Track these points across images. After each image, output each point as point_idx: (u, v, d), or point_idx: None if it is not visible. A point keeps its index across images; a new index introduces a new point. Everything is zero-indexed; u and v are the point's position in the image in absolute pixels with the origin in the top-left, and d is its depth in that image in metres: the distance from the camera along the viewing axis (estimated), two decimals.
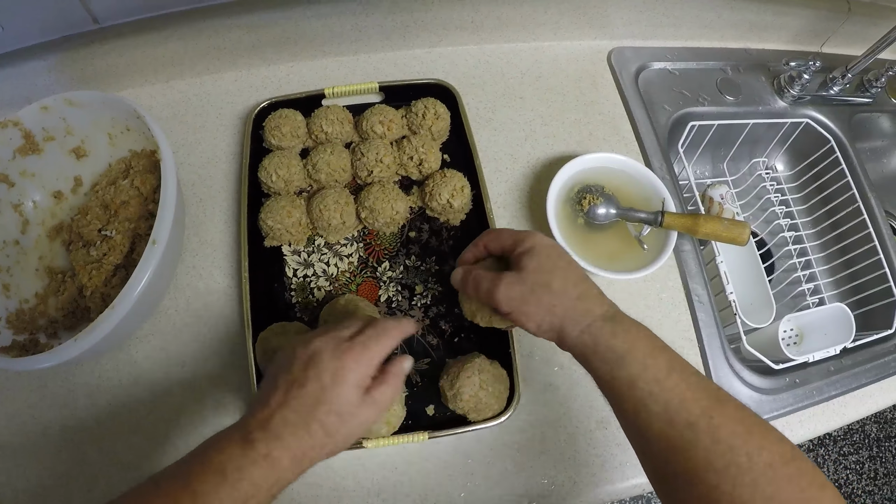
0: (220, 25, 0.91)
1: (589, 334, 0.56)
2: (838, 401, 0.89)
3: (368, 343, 0.55)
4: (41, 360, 0.65)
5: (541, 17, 1.02)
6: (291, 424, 0.51)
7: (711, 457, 0.48)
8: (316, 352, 0.54)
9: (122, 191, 0.82)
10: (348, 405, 0.52)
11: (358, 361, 0.54)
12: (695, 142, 1.04)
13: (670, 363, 0.53)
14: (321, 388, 0.52)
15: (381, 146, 0.85)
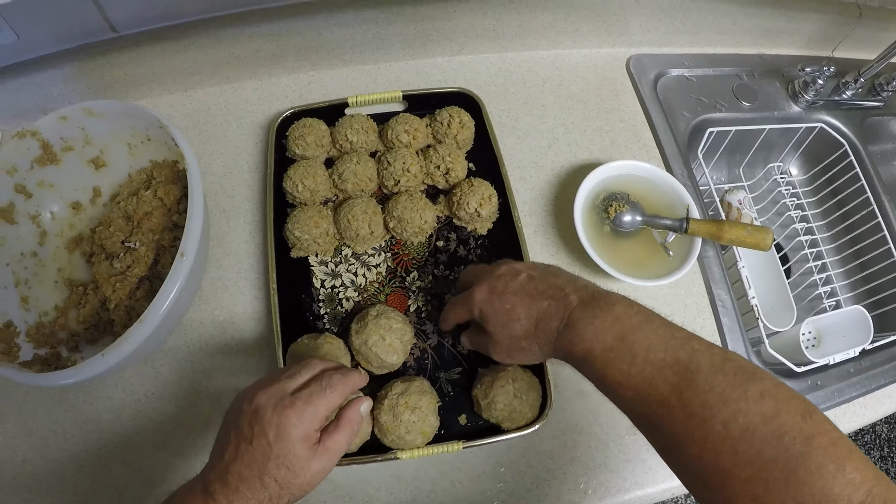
0: (241, 34, 0.91)
1: (555, 351, 0.62)
2: (858, 402, 0.90)
3: (311, 398, 0.56)
4: (67, 375, 0.64)
5: (561, 24, 1.03)
6: (246, 479, 0.53)
7: (689, 430, 0.50)
8: (258, 407, 0.55)
9: (144, 202, 0.82)
10: (296, 459, 0.54)
11: (300, 417, 0.55)
12: (712, 148, 1.05)
13: (632, 349, 0.54)
14: (267, 443, 0.53)
15: (407, 155, 0.86)
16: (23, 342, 0.73)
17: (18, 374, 0.66)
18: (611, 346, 0.55)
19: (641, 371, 0.53)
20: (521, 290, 0.64)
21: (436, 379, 0.78)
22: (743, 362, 0.52)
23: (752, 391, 0.48)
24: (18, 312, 0.75)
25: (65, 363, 0.75)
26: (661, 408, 0.52)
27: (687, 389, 0.50)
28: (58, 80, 0.90)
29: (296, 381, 0.58)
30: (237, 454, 0.53)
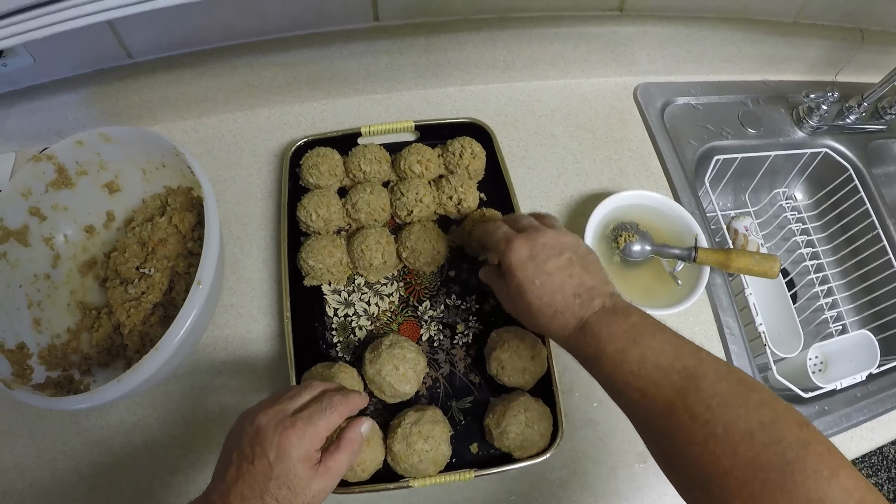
0: (255, 63, 0.93)
1: (567, 345, 0.64)
2: (866, 426, 0.91)
3: (312, 419, 0.57)
4: (82, 400, 0.65)
5: (570, 55, 1.04)
6: (248, 499, 0.54)
7: (691, 433, 0.52)
8: (259, 428, 0.56)
9: (159, 228, 0.83)
10: (297, 479, 0.55)
11: (301, 438, 0.56)
12: (719, 174, 1.07)
13: (643, 353, 0.57)
14: (268, 464, 0.54)
15: (420, 186, 0.87)
16: (35, 364, 0.74)
17: (32, 397, 0.67)
18: (622, 349, 0.58)
19: (650, 374, 0.56)
20: (557, 272, 0.64)
21: (448, 408, 0.79)
22: (745, 375, 0.54)
23: (752, 399, 0.51)
24: (31, 334, 0.76)
25: (77, 386, 0.76)
26: (666, 410, 0.54)
27: (692, 394, 0.53)
28: (73, 103, 0.91)
29: (296, 401, 0.60)
30: (239, 474, 0.54)
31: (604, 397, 0.81)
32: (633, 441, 0.82)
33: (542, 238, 0.66)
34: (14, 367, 0.71)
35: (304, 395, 0.61)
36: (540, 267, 0.64)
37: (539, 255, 0.65)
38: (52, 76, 0.90)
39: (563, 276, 0.64)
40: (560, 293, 0.63)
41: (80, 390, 0.76)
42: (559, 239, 0.67)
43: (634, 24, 1.03)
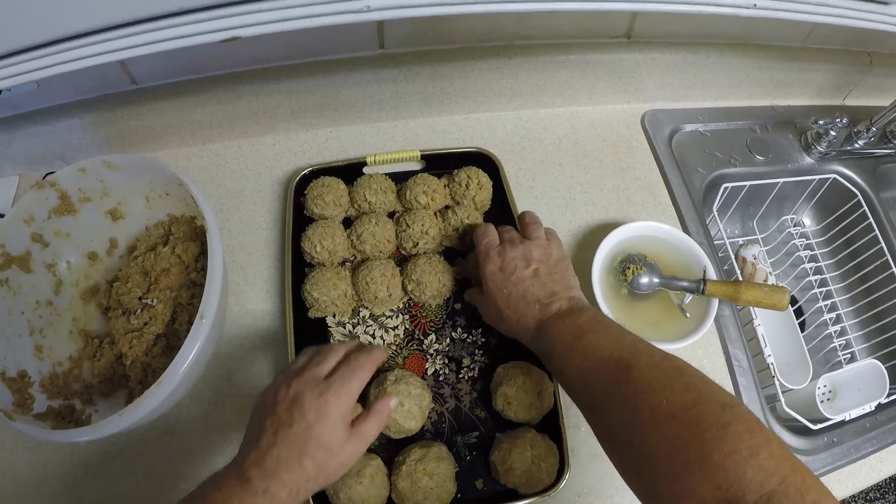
0: (260, 90, 0.92)
1: (531, 346, 0.73)
2: (875, 456, 0.90)
3: (345, 380, 0.61)
4: (83, 433, 0.65)
5: (577, 82, 1.04)
6: (284, 461, 0.56)
7: (622, 417, 0.57)
8: (298, 393, 0.59)
9: (162, 258, 0.83)
10: (335, 439, 0.59)
11: (338, 399, 0.59)
12: (727, 202, 1.06)
13: (586, 347, 0.63)
14: (307, 426, 0.57)
15: (426, 217, 0.86)
16: (36, 392, 0.73)
17: (33, 428, 0.66)
18: (569, 345, 0.65)
19: (590, 366, 0.62)
20: (522, 283, 0.72)
21: (453, 443, 0.78)
22: (680, 363, 0.59)
23: (678, 384, 0.55)
24: (33, 362, 0.76)
25: (78, 416, 0.75)
26: (602, 397, 0.60)
27: (624, 381, 0.58)
28: (77, 129, 0.91)
29: (325, 366, 0.63)
30: (275, 440, 0.57)
31: None
32: None
33: (513, 252, 0.75)
34: (15, 397, 0.70)
35: (330, 360, 0.64)
36: (507, 278, 0.73)
37: (508, 268, 0.74)
38: (55, 101, 0.89)
39: (528, 285, 0.72)
40: (523, 301, 0.72)
41: (81, 420, 0.75)
42: (530, 251, 0.75)
43: (642, 51, 1.02)
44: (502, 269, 0.74)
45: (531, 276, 0.73)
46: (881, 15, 0.72)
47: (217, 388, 0.82)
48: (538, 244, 0.77)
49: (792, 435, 0.88)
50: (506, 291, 0.73)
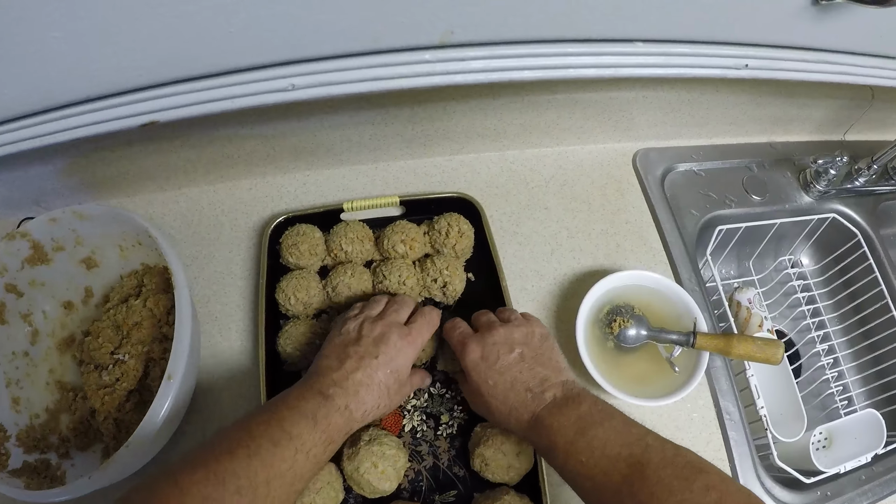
0: (234, 135, 0.90)
1: (526, 439, 0.70)
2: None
3: (422, 330, 0.72)
4: (52, 495, 0.65)
5: (565, 122, 1.01)
6: (364, 385, 0.65)
7: None
8: (384, 333, 0.69)
9: (134, 311, 0.81)
10: (404, 374, 0.70)
11: (414, 345, 0.70)
12: (721, 244, 1.03)
13: (590, 443, 0.60)
14: (389, 359, 0.67)
15: (403, 267, 0.84)
16: (13, 447, 0.73)
17: (6, 487, 0.67)
18: (571, 440, 0.61)
19: (598, 463, 0.59)
20: (508, 370, 0.69)
21: (430, 502, 0.76)
22: (693, 457, 0.57)
23: (697, 484, 0.53)
24: (9, 414, 0.75)
25: (54, 472, 0.74)
26: (614, 497, 0.57)
27: (637, 481, 0.56)
28: (50, 175, 0.89)
29: (403, 314, 0.74)
30: (360, 366, 0.66)
31: None
32: None
33: (492, 337, 0.72)
34: None
35: (406, 309, 0.75)
36: (492, 367, 0.70)
37: (490, 356, 0.70)
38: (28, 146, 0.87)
39: (515, 372, 0.69)
40: (512, 391, 0.68)
41: (56, 476, 0.74)
42: (511, 335, 0.72)
43: (633, 88, 0.98)
44: (484, 358, 0.70)
45: (517, 362, 0.70)
46: (888, 70, 0.69)
47: (193, 442, 0.80)
48: (517, 324, 0.74)
49: (784, 489, 0.85)
50: (491, 382, 0.69)
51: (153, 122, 0.53)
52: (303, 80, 0.51)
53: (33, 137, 0.54)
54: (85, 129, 0.54)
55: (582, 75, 0.57)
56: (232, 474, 0.54)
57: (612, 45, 0.57)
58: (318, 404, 0.62)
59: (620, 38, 0.58)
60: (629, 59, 0.58)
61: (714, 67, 0.62)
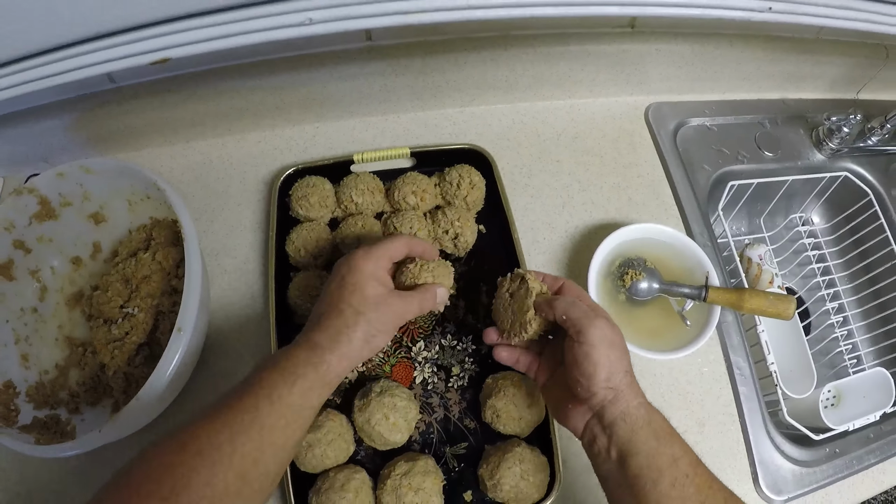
0: (242, 86, 0.89)
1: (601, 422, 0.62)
2: (877, 468, 0.87)
3: (373, 244, 0.65)
4: (64, 448, 0.65)
5: (577, 74, 1.00)
6: (328, 315, 0.61)
7: None
8: (337, 267, 0.64)
9: (143, 265, 0.81)
10: (370, 287, 0.62)
11: (367, 254, 0.63)
12: (733, 200, 1.02)
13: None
14: (341, 278, 0.62)
15: (414, 219, 0.84)
16: (22, 403, 0.73)
17: (17, 442, 0.66)
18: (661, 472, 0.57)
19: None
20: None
21: (441, 454, 0.77)
22: None
23: None
24: (19, 371, 0.75)
25: (64, 427, 0.75)
26: None
27: None
28: (57, 130, 0.89)
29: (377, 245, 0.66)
30: (327, 305, 0.61)
31: None
32: None
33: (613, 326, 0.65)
34: (0, 409, 0.70)
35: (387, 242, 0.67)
36: (622, 359, 0.63)
37: (617, 341, 0.64)
38: (35, 102, 0.86)
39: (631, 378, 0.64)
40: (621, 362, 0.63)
41: (66, 431, 0.74)
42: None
43: (646, 41, 0.97)
44: (612, 343, 0.63)
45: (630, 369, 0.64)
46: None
47: (203, 397, 0.80)
48: None
49: (793, 446, 0.85)
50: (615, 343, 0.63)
51: (166, 59, 0.52)
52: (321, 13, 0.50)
53: (47, 76, 0.53)
54: (98, 67, 0.53)
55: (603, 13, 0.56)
56: (192, 437, 0.52)
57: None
58: (298, 360, 0.58)
59: None
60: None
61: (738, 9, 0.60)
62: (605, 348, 0.61)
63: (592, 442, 0.62)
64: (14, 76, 0.54)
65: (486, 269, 0.88)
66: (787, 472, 0.83)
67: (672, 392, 0.85)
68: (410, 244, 0.68)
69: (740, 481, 0.81)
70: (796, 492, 0.82)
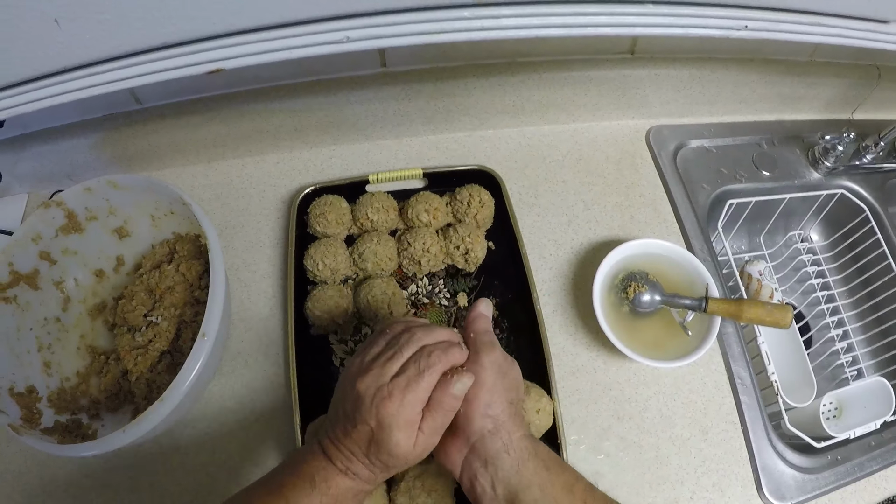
0: (263, 109, 0.94)
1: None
2: (879, 475, 0.90)
3: (410, 386, 0.55)
4: (87, 448, 0.67)
5: (581, 98, 1.05)
6: (356, 454, 0.55)
7: None
8: (359, 395, 0.55)
9: (167, 276, 0.85)
10: (398, 447, 0.54)
11: (400, 407, 0.54)
12: (732, 218, 1.07)
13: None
14: (370, 430, 0.54)
15: (427, 236, 0.88)
16: (44, 407, 0.76)
17: (39, 442, 0.68)
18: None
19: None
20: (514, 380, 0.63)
21: None
22: None
23: None
24: (41, 377, 0.78)
25: (85, 431, 0.77)
26: None
27: None
28: (83, 148, 0.93)
29: (396, 363, 0.57)
30: (346, 433, 0.56)
31: (611, 449, 0.84)
32: (641, 493, 0.82)
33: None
34: (23, 412, 0.72)
35: (404, 353, 0.58)
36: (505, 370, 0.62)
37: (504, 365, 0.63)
38: (62, 121, 0.91)
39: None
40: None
41: (87, 435, 0.77)
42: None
43: (646, 66, 1.03)
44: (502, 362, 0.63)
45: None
46: (880, 34, 0.73)
47: (221, 405, 0.83)
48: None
49: (796, 453, 0.88)
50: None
51: (219, 69, 0.57)
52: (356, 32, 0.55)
53: (120, 80, 0.58)
54: (161, 74, 0.57)
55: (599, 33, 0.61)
56: None
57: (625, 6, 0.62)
58: (318, 466, 0.56)
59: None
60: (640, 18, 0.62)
61: (716, 28, 0.65)
62: (492, 373, 0.59)
63: (473, 481, 0.58)
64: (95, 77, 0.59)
65: (496, 283, 0.92)
66: (790, 479, 0.86)
67: (675, 401, 0.88)
68: (447, 365, 0.58)
69: (744, 487, 0.84)
70: (799, 498, 0.84)
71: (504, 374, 0.61)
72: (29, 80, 0.58)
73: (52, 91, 0.59)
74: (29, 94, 0.59)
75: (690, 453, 0.85)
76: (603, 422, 0.86)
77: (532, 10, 0.57)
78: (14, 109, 0.60)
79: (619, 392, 0.88)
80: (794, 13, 0.67)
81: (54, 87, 0.59)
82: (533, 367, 0.82)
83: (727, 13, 0.65)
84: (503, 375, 0.60)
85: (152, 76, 0.57)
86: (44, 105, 0.60)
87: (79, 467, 0.79)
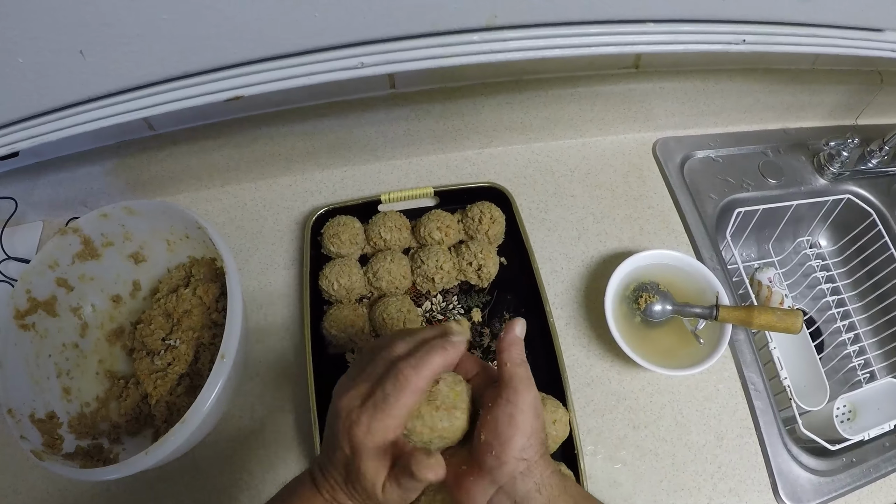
0: (275, 133, 0.97)
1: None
2: (894, 475, 0.91)
3: (376, 412, 0.51)
4: (110, 471, 0.68)
5: (587, 114, 1.08)
6: (339, 484, 0.53)
7: None
8: (337, 413, 0.53)
9: (184, 300, 0.87)
10: (366, 480, 0.50)
11: (367, 434, 0.50)
12: (740, 226, 1.09)
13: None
14: (346, 456, 0.52)
15: (440, 253, 0.91)
16: (65, 433, 0.76)
17: (62, 468, 0.69)
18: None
19: None
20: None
21: None
22: None
23: None
24: (61, 403, 0.79)
25: (106, 455, 0.78)
26: None
27: None
28: (97, 175, 0.96)
29: (367, 383, 0.53)
30: (329, 458, 0.54)
31: (628, 458, 0.85)
32: (659, 500, 0.84)
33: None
34: (44, 437, 0.73)
35: (377, 371, 0.54)
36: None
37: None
38: (76, 148, 0.94)
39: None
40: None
41: (109, 459, 0.78)
42: None
43: (651, 80, 1.06)
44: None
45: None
46: (875, 42, 0.75)
47: (240, 425, 0.85)
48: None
49: (811, 456, 0.90)
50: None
51: (238, 97, 0.60)
52: (371, 58, 0.59)
53: (141, 108, 0.61)
54: (183, 102, 0.60)
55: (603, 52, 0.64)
56: None
57: (626, 25, 0.64)
58: (305, 496, 0.54)
59: (634, 18, 0.65)
60: (642, 37, 0.65)
61: (716, 43, 0.68)
62: (530, 416, 0.56)
63: None
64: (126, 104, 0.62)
65: (509, 298, 0.95)
66: (806, 482, 0.87)
67: (690, 408, 0.90)
68: (419, 385, 0.52)
69: (760, 492, 0.85)
70: (816, 500, 0.85)
71: (538, 414, 0.57)
72: (50, 111, 0.61)
73: (73, 121, 0.62)
74: (50, 125, 0.62)
75: (706, 459, 0.86)
76: (619, 431, 0.87)
77: (538, 31, 0.60)
78: (35, 140, 0.63)
79: (634, 401, 0.90)
80: (791, 25, 0.69)
81: (75, 116, 0.62)
82: (548, 378, 0.85)
83: (725, 28, 0.68)
84: (537, 416, 0.57)
85: (173, 104, 0.60)
86: (63, 135, 0.63)
87: (101, 491, 0.81)
